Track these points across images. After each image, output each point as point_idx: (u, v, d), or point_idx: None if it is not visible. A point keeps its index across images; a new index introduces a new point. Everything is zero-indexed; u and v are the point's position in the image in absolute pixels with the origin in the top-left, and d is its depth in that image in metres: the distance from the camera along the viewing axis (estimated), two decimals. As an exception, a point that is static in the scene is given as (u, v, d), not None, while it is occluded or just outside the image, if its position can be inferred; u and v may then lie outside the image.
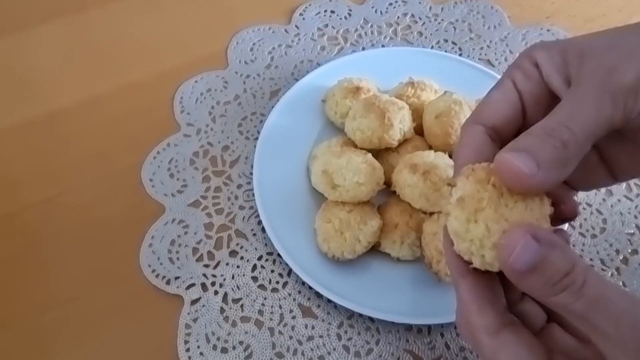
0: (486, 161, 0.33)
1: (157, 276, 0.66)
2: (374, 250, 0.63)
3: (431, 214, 0.61)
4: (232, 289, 0.65)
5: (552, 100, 0.34)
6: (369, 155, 0.63)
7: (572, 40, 0.34)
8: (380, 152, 0.69)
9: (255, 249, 0.68)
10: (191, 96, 0.82)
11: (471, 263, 0.31)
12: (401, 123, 0.65)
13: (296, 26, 0.89)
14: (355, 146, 0.67)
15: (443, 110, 0.65)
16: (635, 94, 0.30)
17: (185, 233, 0.69)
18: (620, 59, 0.30)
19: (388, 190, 0.64)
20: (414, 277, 0.62)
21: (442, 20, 0.89)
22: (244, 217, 0.70)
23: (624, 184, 0.72)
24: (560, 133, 0.30)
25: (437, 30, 0.88)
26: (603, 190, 0.70)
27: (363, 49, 0.87)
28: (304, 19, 0.90)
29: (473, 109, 0.66)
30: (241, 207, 0.71)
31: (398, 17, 0.90)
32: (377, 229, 0.61)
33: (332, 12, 0.91)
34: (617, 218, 0.69)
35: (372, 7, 0.91)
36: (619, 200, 0.70)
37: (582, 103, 0.31)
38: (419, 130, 0.69)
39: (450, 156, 0.64)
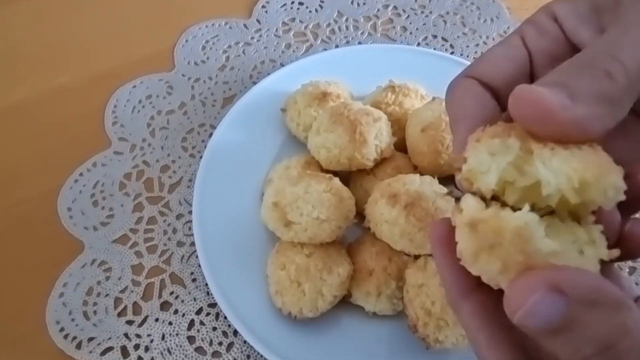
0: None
1: (65, 337, 0.51)
2: (344, 300, 0.49)
3: (416, 257, 0.47)
4: (162, 354, 0.50)
5: None
6: (336, 180, 0.48)
7: None
8: (352, 175, 0.55)
9: (194, 299, 0.53)
10: (127, 104, 0.67)
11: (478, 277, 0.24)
12: (377, 138, 0.51)
13: (257, 20, 0.75)
14: (321, 167, 0.53)
15: (431, 121, 0.51)
16: None
17: (107, 278, 0.55)
18: None
19: (362, 224, 0.50)
20: (394, 338, 0.48)
21: (431, 12, 0.76)
22: (182, 257, 0.56)
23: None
24: (602, 62, 0.23)
25: (424, 24, 0.75)
26: None
27: (336, 46, 0.73)
28: (267, 11, 0.76)
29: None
30: (180, 244, 0.57)
31: (378, 10, 0.76)
32: (345, 277, 0.47)
33: (301, 3, 0.77)
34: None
35: (348, -2, 0.78)
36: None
37: (629, 30, 0.24)
38: (401, 146, 0.56)
39: (441, 181, 0.50)
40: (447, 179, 0.53)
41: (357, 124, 0.50)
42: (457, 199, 0.26)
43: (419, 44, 0.73)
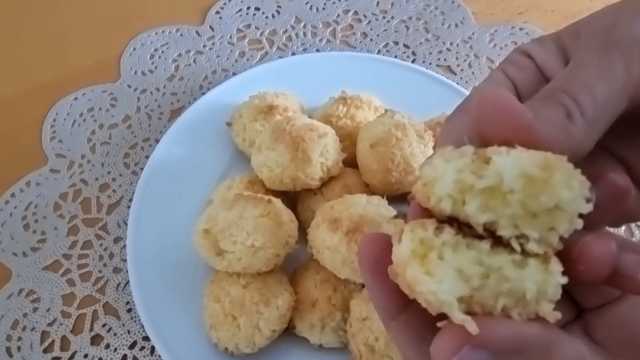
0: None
1: (-16, 377, 0.47)
2: (289, 332, 0.45)
3: (364, 285, 0.43)
4: (90, 394, 0.46)
5: None
6: (275, 203, 0.45)
7: (565, 27, 0.29)
8: (299, 195, 0.51)
9: (128, 331, 0.49)
10: (67, 118, 0.63)
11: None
12: (323, 155, 0.47)
13: (211, 27, 0.71)
14: (265, 187, 0.49)
15: (381, 136, 0.48)
16: None
17: (35, 310, 0.50)
18: (625, 14, 0.27)
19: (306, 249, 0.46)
20: (343, 372, 0.44)
21: (392, 18, 0.72)
22: (118, 285, 0.52)
23: None
24: (559, 98, 0.25)
25: (385, 30, 0.71)
26: None
27: (293, 54, 0.69)
28: (221, 17, 0.72)
29: (422, 134, 0.48)
30: (116, 270, 0.53)
31: (338, 15, 0.73)
32: (285, 310, 0.43)
33: (257, 9, 0.73)
34: None
35: (307, 3, 0.74)
36: None
37: (582, 67, 0.26)
38: (354, 162, 0.52)
39: (393, 200, 0.47)
40: (399, 198, 0.50)
41: (300, 141, 0.46)
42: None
43: (379, 51, 0.69)
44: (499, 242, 0.24)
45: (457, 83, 0.65)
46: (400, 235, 0.24)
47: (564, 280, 0.22)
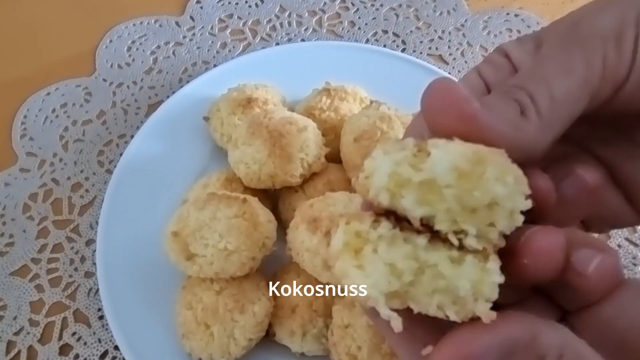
0: None
1: (-55, 391, 0.44)
2: (269, 339, 0.43)
3: (346, 289, 0.40)
4: (58, 408, 0.43)
5: None
6: (252, 202, 0.41)
7: (548, 25, 0.28)
8: (281, 192, 0.48)
9: (99, 340, 0.46)
10: (39, 114, 0.60)
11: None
12: (303, 151, 0.44)
13: (191, 17, 0.68)
14: (243, 185, 0.46)
15: (365, 129, 0.45)
16: (617, 41, 0.24)
17: (0, 318, 0.48)
18: (589, 10, 0.26)
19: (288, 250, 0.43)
20: (326, 382, 0.41)
21: (382, 5, 0.69)
22: (89, 290, 0.49)
23: None
24: (514, 94, 0.24)
25: (374, 19, 0.68)
26: None
27: (277, 44, 0.66)
28: (201, 7, 0.69)
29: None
30: (88, 275, 0.50)
31: (324, 3, 0.69)
32: (263, 317, 0.40)
33: (240, -2, 0.70)
34: None
35: (292, -9, 0.71)
36: None
37: (542, 64, 0.25)
38: (338, 157, 0.49)
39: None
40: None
41: (278, 136, 0.43)
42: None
43: (368, 41, 0.66)
44: (439, 238, 0.23)
45: (450, 73, 0.62)
46: (336, 228, 0.23)
47: (501, 279, 0.21)
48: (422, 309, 0.22)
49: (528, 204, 0.21)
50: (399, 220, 0.23)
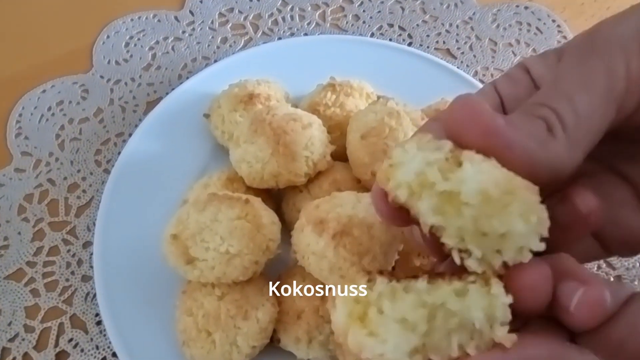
0: None
1: (-64, 401, 0.42)
2: (274, 345, 0.41)
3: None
4: (54, 418, 0.42)
5: None
6: (255, 203, 0.40)
7: (574, 36, 0.27)
8: (285, 192, 0.46)
9: (97, 347, 0.45)
10: (34, 112, 0.58)
11: None
12: (308, 149, 0.42)
13: (191, 12, 0.66)
14: (245, 184, 0.45)
15: (372, 126, 0.43)
16: None
17: (-6, 324, 0.46)
18: (608, 21, 0.25)
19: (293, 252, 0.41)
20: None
21: (387, -2, 0.67)
22: (87, 295, 0.47)
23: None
24: (538, 111, 0.24)
25: (379, 12, 0.66)
26: None
27: (279, 39, 0.64)
28: (201, 1, 0.67)
29: (418, 123, 0.43)
30: (85, 278, 0.48)
31: (328, -4, 0.67)
32: (267, 323, 0.38)
33: (241, -9, 0.68)
34: None
35: (294, -16, 0.68)
36: None
37: (563, 78, 0.25)
38: (343, 154, 0.47)
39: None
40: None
41: (281, 133, 0.41)
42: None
43: (373, 35, 0.64)
44: (433, 275, 0.22)
45: (458, 67, 0.60)
46: (333, 301, 0.22)
47: (509, 299, 0.21)
48: (444, 356, 0.21)
49: (541, 247, 0.21)
50: (392, 273, 0.23)
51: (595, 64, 0.24)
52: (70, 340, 0.45)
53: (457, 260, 0.22)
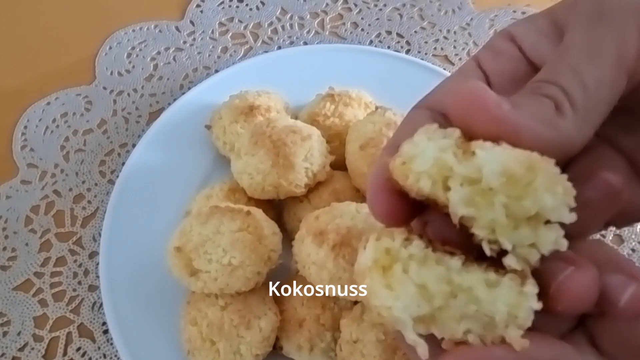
0: None
1: (-50, 410, 0.43)
2: (277, 353, 0.42)
3: (355, 302, 0.40)
4: None
5: None
6: (256, 214, 0.41)
7: (567, 2, 0.25)
8: (285, 202, 0.47)
9: (104, 355, 0.46)
10: (39, 124, 0.59)
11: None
12: (307, 160, 0.43)
13: (191, 22, 0.67)
14: (247, 195, 0.45)
15: (371, 137, 0.44)
16: None
17: (4, 334, 0.47)
18: None
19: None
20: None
21: (385, 5, 0.68)
22: (93, 304, 0.48)
23: None
24: (544, 89, 0.23)
25: (377, 19, 0.67)
26: None
27: (278, 48, 0.65)
28: (201, 11, 0.68)
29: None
30: (92, 288, 0.49)
31: (326, 4, 0.68)
32: (269, 332, 0.39)
33: (240, 0, 0.69)
34: None
35: (293, -7, 0.69)
36: None
37: (569, 49, 0.23)
38: (343, 164, 0.48)
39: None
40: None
41: (281, 145, 0.42)
42: None
43: (371, 42, 0.65)
44: (471, 259, 0.22)
45: (455, 74, 0.61)
46: (365, 243, 0.22)
47: (539, 305, 0.20)
48: (445, 334, 0.21)
49: (573, 217, 0.20)
50: (430, 241, 0.22)
51: (604, 32, 0.23)
52: (79, 349, 0.46)
53: (488, 252, 0.21)
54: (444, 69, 0.60)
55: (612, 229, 0.50)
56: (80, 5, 0.68)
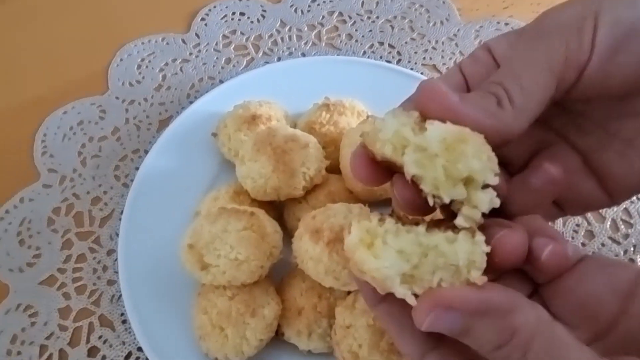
0: None
1: (-14, 392, 0.48)
2: (278, 338, 0.47)
3: (348, 292, 0.44)
4: (88, 405, 0.48)
5: None
6: (259, 215, 0.45)
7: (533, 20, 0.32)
8: (286, 203, 0.52)
9: (123, 342, 0.51)
10: (57, 132, 0.64)
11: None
12: (305, 165, 0.48)
13: (196, 34, 0.72)
14: (250, 197, 0.50)
15: (362, 144, 0.48)
16: (578, 30, 0.28)
17: (33, 324, 0.52)
18: (555, 8, 0.30)
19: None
20: (332, 376, 0.45)
21: (377, 17, 0.72)
22: (112, 297, 0.53)
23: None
24: (491, 88, 0.29)
25: (370, 31, 0.71)
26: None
27: (278, 59, 0.69)
28: (206, 24, 0.73)
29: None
30: (110, 282, 0.54)
31: (323, 17, 0.73)
32: (272, 319, 0.44)
33: (242, 14, 0.74)
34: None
35: (291, 6, 0.74)
36: None
37: (513, 59, 0.30)
38: (337, 167, 0.52)
39: (376, 206, 0.47)
40: (381, 203, 0.51)
41: (281, 153, 0.47)
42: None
43: (365, 53, 0.69)
44: (431, 225, 0.28)
45: (443, 82, 0.65)
46: (349, 228, 0.28)
47: (487, 249, 0.26)
48: (424, 286, 0.26)
49: (496, 180, 0.26)
50: (399, 217, 0.29)
51: (538, 45, 0.29)
52: (100, 337, 0.51)
53: (431, 202, 0.28)
54: (432, 77, 0.65)
55: (585, 225, 0.55)
56: (93, 20, 0.73)
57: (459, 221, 0.27)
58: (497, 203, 0.27)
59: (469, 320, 0.25)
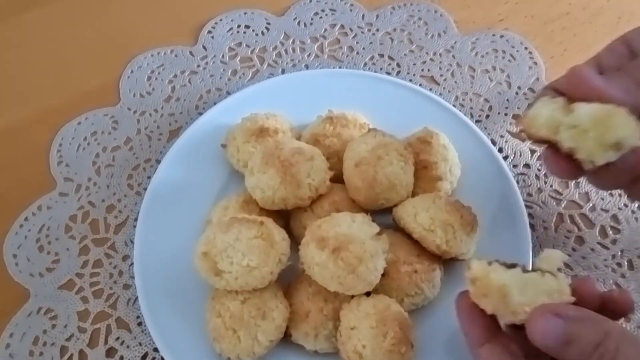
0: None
1: (11, 390, 0.51)
2: (287, 339, 0.50)
3: (352, 296, 0.48)
4: (108, 402, 0.51)
5: None
6: (268, 224, 0.48)
7: None
8: (292, 212, 0.55)
9: (140, 343, 0.54)
10: (72, 142, 0.67)
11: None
12: (310, 177, 0.51)
13: (204, 47, 0.75)
14: (259, 206, 0.53)
15: (364, 156, 0.51)
16: None
17: (53, 326, 0.55)
18: None
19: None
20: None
21: (377, 30, 0.75)
22: (128, 300, 0.56)
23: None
24: (631, 71, 0.38)
25: (371, 43, 0.74)
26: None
27: (282, 70, 0.72)
28: (212, 37, 0.76)
29: (402, 152, 0.52)
30: (126, 287, 0.57)
31: (325, 30, 0.76)
32: (281, 321, 0.47)
33: (247, 27, 0.76)
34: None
35: (295, 19, 0.77)
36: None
37: None
38: (341, 178, 0.55)
39: (378, 215, 0.50)
40: (383, 212, 0.54)
41: (288, 165, 0.50)
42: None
43: (365, 64, 0.72)
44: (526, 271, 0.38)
45: (440, 93, 0.69)
46: (469, 264, 0.39)
47: (569, 280, 0.36)
48: (527, 311, 0.35)
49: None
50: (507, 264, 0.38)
51: None
52: (117, 338, 0.54)
53: (587, 167, 0.37)
54: (430, 89, 0.68)
55: (575, 231, 0.58)
56: (105, 34, 0.76)
57: (544, 266, 0.37)
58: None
59: (571, 325, 0.32)
